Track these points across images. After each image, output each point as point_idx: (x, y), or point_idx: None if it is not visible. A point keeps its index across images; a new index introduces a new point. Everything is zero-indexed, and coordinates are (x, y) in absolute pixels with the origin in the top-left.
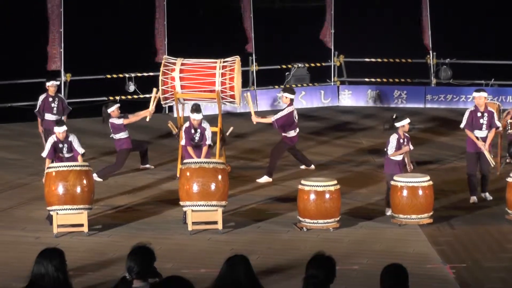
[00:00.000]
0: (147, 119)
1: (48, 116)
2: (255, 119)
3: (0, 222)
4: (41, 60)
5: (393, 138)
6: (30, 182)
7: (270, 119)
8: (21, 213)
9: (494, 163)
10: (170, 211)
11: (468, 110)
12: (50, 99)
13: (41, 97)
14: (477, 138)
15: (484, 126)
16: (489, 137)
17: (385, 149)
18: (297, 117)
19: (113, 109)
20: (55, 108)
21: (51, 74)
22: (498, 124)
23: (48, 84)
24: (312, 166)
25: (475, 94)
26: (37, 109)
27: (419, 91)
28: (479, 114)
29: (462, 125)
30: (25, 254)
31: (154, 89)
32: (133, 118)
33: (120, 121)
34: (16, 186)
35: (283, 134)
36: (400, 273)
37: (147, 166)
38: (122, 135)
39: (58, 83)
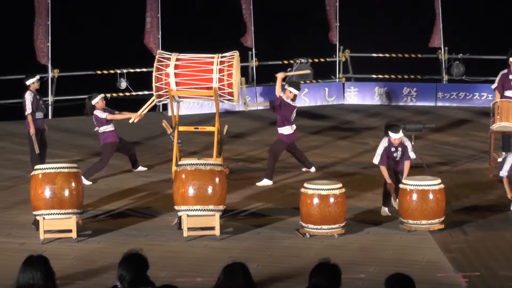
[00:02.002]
0: (130, 121)
1: (39, 115)
2: (280, 76)
3: None
4: (24, 55)
5: None
6: (14, 185)
7: (279, 94)
8: (5, 218)
9: (397, 207)
10: (164, 216)
11: (382, 144)
12: (38, 97)
13: (30, 97)
14: (394, 172)
15: (398, 158)
16: (406, 170)
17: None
18: (294, 116)
19: (97, 100)
20: (42, 106)
21: (33, 70)
22: (413, 155)
23: (33, 80)
24: (313, 169)
25: (392, 135)
26: (30, 110)
27: (429, 88)
28: (393, 149)
29: (376, 161)
30: (9, 261)
31: (154, 98)
32: (119, 115)
33: (104, 114)
34: (0, 189)
35: (279, 130)
36: (405, 283)
37: (140, 169)
38: (107, 128)
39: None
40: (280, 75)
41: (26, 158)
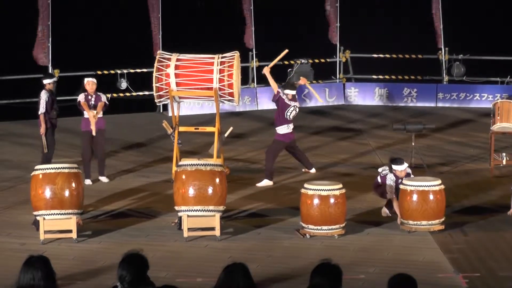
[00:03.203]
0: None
1: (54, 115)
2: (267, 70)
3: None
4: (26, 56)
5: None
6: (15, 185)
7: (277, 89)
8: (5, 218)
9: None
10: (164, 217)
11: (390, 179)
12: (53, 97)
13: (45, 96)
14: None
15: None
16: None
17: None
18: (291, 116)
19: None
20: (56, 105)
21: (46, 70)
22: None
23: (49, 81)
24: (313, 170)
25: (397, 167)
26: (44, 110)
27: (430, 89)
28: (399, 181)
29: (391, 196)
30: (9, 261)
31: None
32: (89, 111)
33: (80, 97)
34: (0, 189)
35: (276, 130)
36: (408, 284)
37: (102, 179)
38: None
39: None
40: (266, 70)
41: (26, 158)
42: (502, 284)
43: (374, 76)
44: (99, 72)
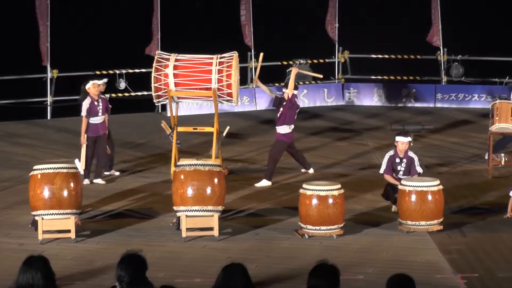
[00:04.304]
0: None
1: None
2: (256, 81)
3: None
4: (25, 56)
5: None
6: (13, 185)
7: (291, 91)
8: (4, 218)
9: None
10: (163, 217)
11: (387, 154)
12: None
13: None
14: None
15: (402, 172)
16: None
17: None
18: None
19: (88, 86)
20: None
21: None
22: (420, 170)
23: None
24: (311, 170)
25: (400, 139)
26: (85, 113)
27: (429, 90)
28: (397, 160)
29: (381, 171)
30: (8, 261)
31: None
32: (84, 127)
33: (84, 111)
34: None
35: (277, 129)
36: (407, 284)
37: (97, 181)
38: (96, 119)
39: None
40: (294, 71)
41: (26, 158)
42: (501, 285)
43: (373, 77)
44: (98, 72)
